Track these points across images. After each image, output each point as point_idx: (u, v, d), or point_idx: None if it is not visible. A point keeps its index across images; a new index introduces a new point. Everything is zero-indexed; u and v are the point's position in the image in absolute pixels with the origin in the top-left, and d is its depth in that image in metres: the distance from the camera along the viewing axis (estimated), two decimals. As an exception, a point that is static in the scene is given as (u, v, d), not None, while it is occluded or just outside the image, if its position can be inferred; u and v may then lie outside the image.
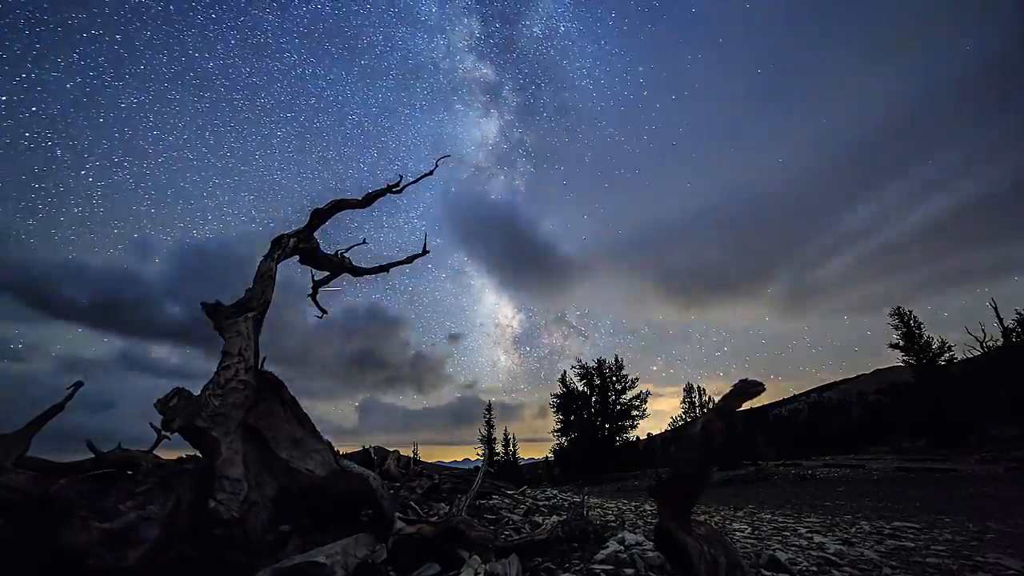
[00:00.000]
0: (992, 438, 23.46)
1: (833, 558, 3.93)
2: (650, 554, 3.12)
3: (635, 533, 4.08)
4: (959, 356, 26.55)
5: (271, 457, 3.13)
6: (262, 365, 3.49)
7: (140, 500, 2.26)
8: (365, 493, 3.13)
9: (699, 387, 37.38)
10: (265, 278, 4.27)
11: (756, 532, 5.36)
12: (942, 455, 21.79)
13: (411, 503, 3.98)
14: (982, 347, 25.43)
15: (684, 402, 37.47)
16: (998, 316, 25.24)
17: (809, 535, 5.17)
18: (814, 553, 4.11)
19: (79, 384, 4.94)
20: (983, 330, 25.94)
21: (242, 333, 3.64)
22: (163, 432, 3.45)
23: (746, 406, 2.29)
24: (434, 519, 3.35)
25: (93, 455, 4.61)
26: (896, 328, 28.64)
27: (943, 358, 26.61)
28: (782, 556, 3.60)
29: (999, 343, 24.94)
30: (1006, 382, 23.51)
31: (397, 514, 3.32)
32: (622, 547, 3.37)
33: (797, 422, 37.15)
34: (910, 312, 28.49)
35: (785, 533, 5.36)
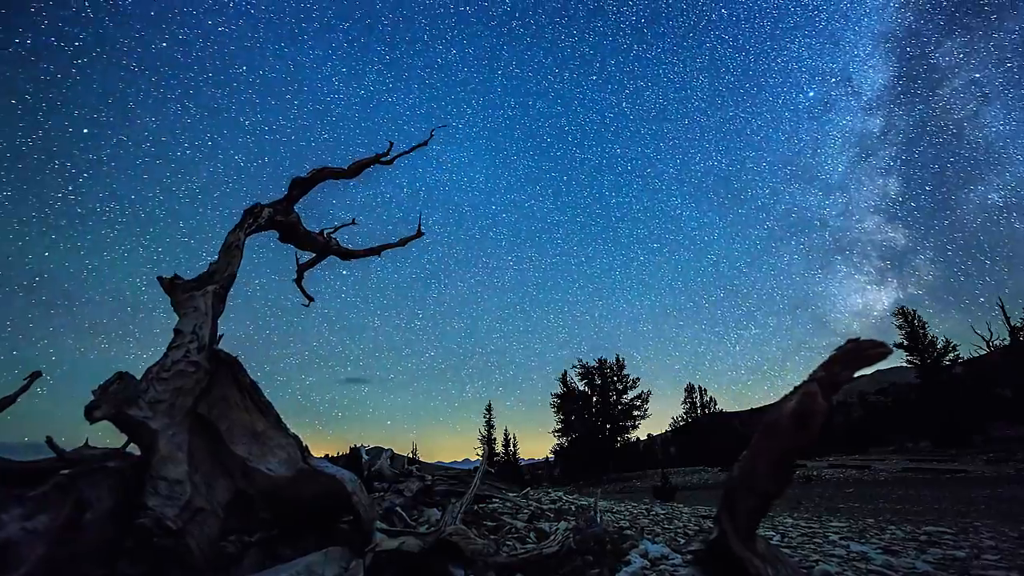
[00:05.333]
0: (998, 438, 23.05)
1: (884, 570, 3.41)
2: (683, 571, 2.59)
3: (656, 543, 3.55)
4: (964, 355, 26.18)
5: (225, 453, 2.58)
6: (219, 344, 2.94)
7: (30, 508, 1.72)
8: (339, 497, 2.59)
9: (700, 387, 36.97)
10: (232, 249, 3.71)
11: (785, 539, 4.84)
12: (948, 456, 21.36)
13: (398, 508, 3.45)
14: (988, 346, 25.06)
15: (685, 402, 37.04)
16: (1004, 315, 24.86)
17: (843, 542, 4.65)
18: (861, 565, 3.59)
19: (36, 374, 4.40)
20: (990, 329, 25.57)
21: (199, 309, 3.08)
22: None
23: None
24: (423, 529, 2.80)
25: (55, 454, 4.07)
26: (900, 328, 28.29)
27: (947, 358, 26.24)
28: (832, 569, 3.08)
29: (1006, 342, 24.54)
30: (1012, 382, 23.14)
31: (379, 523, 2.78)
32: (647, 561, 2.83)
33: (798, 422, 36.70)
34: (914, 312, 28.15)
35: (816, 540, 4.84)
